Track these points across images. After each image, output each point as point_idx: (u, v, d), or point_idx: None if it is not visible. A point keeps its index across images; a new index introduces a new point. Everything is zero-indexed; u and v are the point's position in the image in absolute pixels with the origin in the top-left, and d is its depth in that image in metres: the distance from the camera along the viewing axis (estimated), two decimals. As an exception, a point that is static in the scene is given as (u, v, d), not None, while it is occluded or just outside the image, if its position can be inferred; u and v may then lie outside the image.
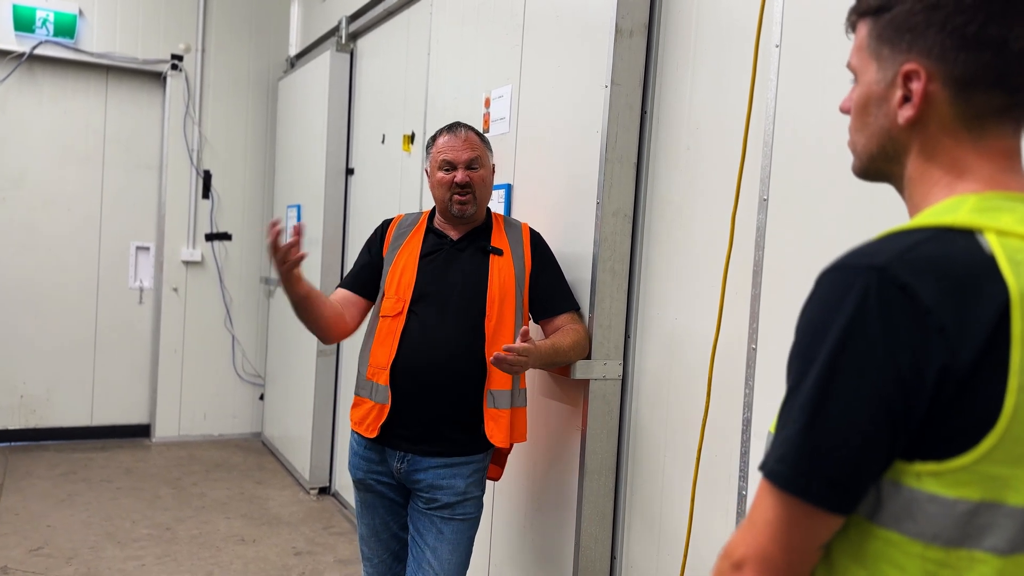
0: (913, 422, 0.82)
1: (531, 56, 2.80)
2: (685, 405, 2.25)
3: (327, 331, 2.39)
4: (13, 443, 5.51)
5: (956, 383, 0.81)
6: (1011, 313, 0.81)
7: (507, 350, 2.08)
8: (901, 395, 0.82)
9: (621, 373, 2.45)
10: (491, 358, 2.11)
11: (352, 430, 2.44)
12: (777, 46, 1.90)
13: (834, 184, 1.78)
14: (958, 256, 0.84)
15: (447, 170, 2.35)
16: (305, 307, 2.28)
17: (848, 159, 1.71)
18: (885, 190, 1.20)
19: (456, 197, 2.34)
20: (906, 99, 0.94)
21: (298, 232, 2.10)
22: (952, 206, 0.90)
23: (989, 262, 0.83)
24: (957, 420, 0.82)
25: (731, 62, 2.14)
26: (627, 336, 2.46)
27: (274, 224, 2.07)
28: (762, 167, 1.94)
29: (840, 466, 0.84)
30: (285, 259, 2.10)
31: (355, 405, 2.42)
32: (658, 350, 2.37)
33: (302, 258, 2.13)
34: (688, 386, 2.24)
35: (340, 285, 2.52)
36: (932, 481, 0.83)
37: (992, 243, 0.84)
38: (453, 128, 2.42)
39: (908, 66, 0.92)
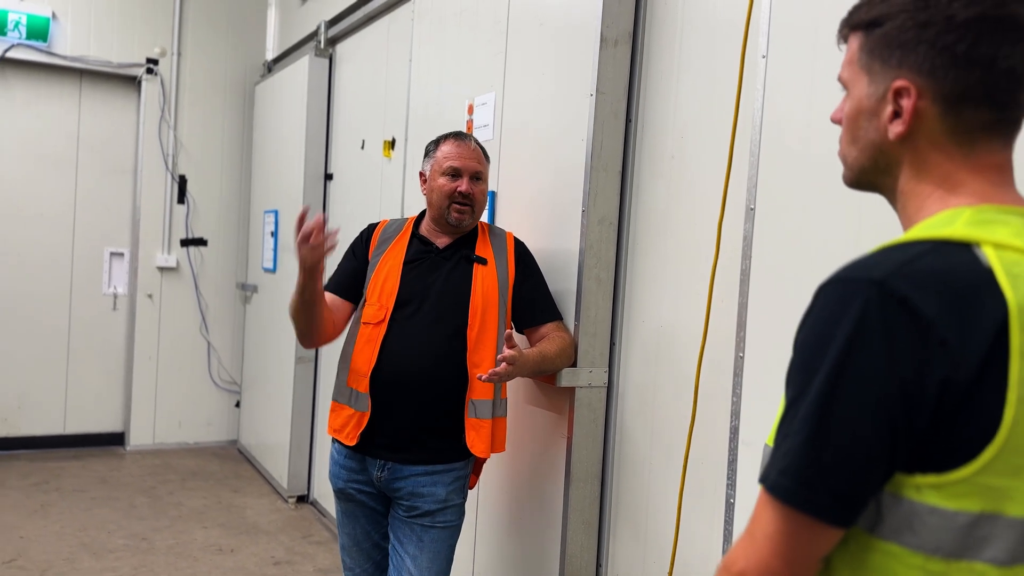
0: (915, 434, 0.83)
1: (515, 63, 2.80)
2: (670, 413, 2.26)
3: (320, 334, 2.34)
4: (-17, 452, 5.41)
5: (957, 396, 0.82)
6: (1010, 326, 0.82)
7: (497, 363, 2.09)
8: (903, 408, 0.82)
9: (606, 381, 2.46)
10: (481, 377, 2.12)
11: (333, 439, 2.42)
12: (764, 56, 1.92)
13: (821, 193, 1.79)
14: (957, 269, 0.85)
15: (452, 176, 2.35)
16: (314, 304, 2.24)
17: (836, 168, 1.73)
18: (873, 200, 1.21)
19: (456, 206, 2.34)
20: (896, 114, 0.95)
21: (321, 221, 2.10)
22: (947, 219, 0.91)
23: (987, 275, 0.84)
24: (958, 432, 0.83)
25: (715, 71, 2.15)
26: (612, 344, 2.47)
27: (304, 214, 2.07)
28: (748, 176, 1.95)
29: (844, 479, 0.85)
30: (317, 248, 2.08)
31: (333, 411, 2.39)
32: (643, 358, 2.37)
33: (334, 247, 2.13)
34: (673, 394, 2.25)
35: (326, 288, 2.43)
36: (933, 493, 0.84)
37: (990, 256, 0.85)
38: (461, 136, 2.42)
39: (898, 82, 0.94)
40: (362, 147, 4.29)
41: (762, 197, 1.92)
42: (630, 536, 2.40)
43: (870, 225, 1.68)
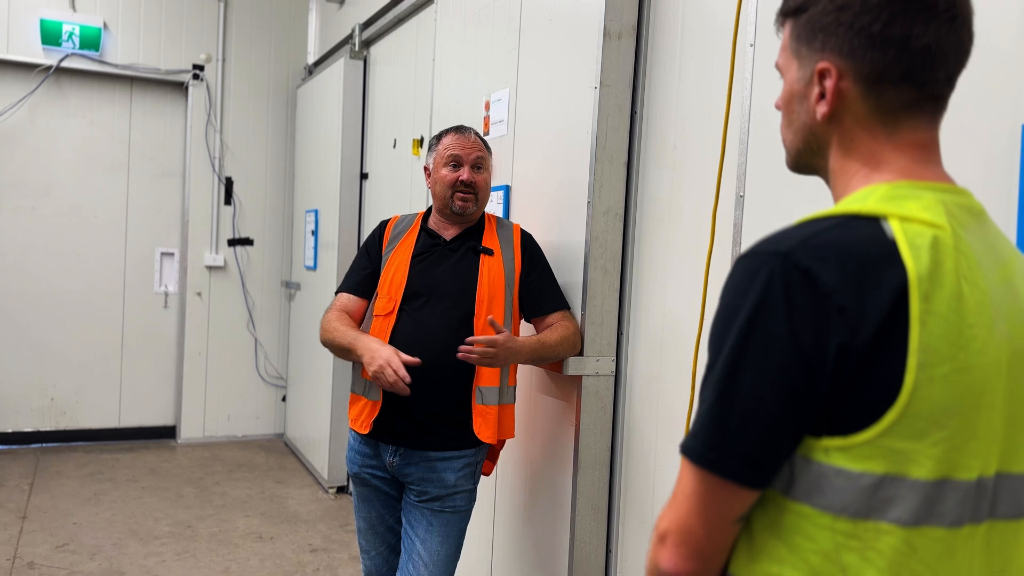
0: (817, 399, 0.87)
1: (526, 59, 2.86)
2: (676, 400, 2.29)
3: None
4: (44, 444, 5.68)
5: (856, 361, 0.85)
6: (909, 294, 0.85)
7: (473, 342, 2.15)
8: (804, 373, 0.86)
9: (614, 369, 2.49)
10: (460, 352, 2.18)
11: (349, 427, 2.51)
12: (752, 46, 1.94)
13: (807, 180, 1.81)
14: (860, 241, 0.88)
15: (453, 166, 2.41)
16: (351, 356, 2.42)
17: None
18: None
19: (459, 195, 2.39)
20: (822, 96, 0.99)
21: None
22: (864, 195, 0.95)
23: (890, 247, 0.87)
24: (860, 396, 0.86)
25: (713, 62, 2.18)
26: (620, 333, 2.50)
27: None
28: (738, 164, 1.97)
29: (749, 442, 0.89)
30: (395, 384, 2.19)
31: (351, 402, 2.49)
32: (649, 346, 2.41)
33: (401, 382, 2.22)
34: (677, 381, 2.28)
35: (346, 290, 2.50)
36: (839, 455, 0.88)
37: (895, 228, 0.88)
38: (461, 128, 2.49)
39: (821, 64, 0.98)
40: (394, 146, 4.40)
41: (751, 185, 1.94)
42: (639, 522, 2.43)
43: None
